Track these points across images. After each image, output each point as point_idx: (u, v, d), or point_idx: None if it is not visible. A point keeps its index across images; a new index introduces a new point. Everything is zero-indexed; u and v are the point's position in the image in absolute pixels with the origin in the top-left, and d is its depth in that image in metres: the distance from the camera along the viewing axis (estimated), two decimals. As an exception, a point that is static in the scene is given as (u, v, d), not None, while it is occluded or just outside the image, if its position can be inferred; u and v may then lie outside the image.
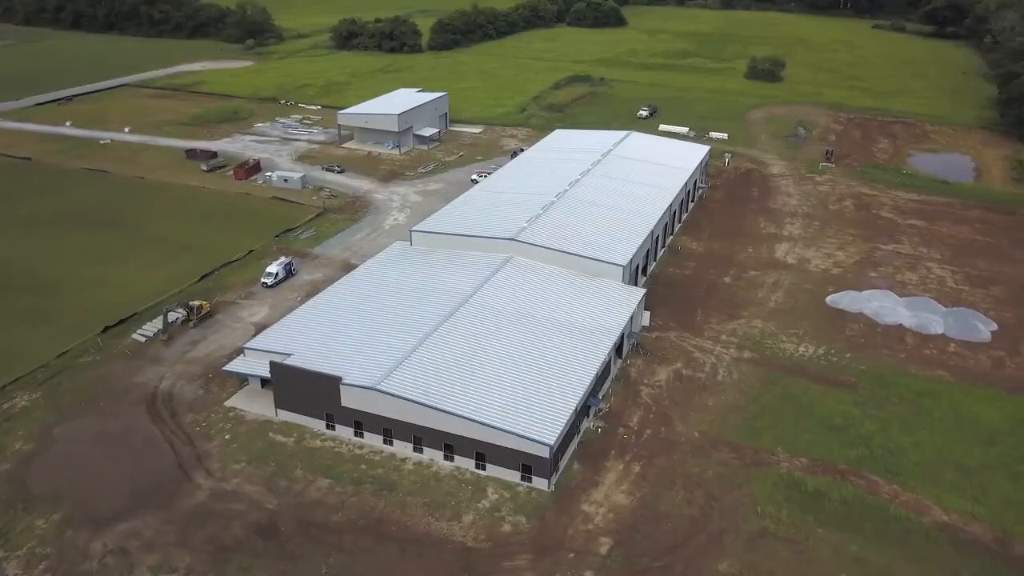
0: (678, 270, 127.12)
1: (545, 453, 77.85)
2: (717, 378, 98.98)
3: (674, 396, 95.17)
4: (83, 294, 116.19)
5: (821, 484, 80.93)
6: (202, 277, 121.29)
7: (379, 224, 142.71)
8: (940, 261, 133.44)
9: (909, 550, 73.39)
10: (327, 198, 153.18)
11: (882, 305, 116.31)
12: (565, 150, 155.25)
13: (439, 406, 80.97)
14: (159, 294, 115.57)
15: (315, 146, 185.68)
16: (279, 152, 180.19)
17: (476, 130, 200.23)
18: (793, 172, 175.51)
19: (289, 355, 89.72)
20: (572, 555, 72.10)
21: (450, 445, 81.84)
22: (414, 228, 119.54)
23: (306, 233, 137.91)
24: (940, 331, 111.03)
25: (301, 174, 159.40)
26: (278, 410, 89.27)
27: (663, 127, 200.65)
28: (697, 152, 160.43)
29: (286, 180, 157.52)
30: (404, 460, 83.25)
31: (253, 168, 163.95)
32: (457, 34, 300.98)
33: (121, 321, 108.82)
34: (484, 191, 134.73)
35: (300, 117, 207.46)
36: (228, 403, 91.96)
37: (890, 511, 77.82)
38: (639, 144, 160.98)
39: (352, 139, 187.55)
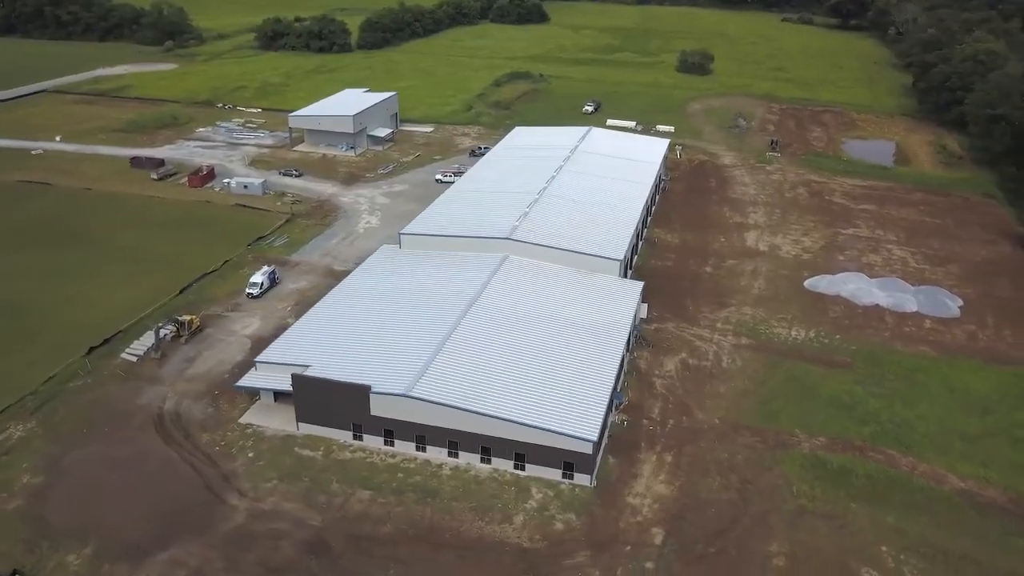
0: (660, 262, 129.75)
1: (588, 449, 78.62)
2: (722, 365, 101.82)
3: (686, 385, 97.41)
4: (55, 314, 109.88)
5: (844, 461, 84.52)
6: (181, 291, 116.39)
7: (352, 228, 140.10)
8: (897, 243, 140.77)
9: (936, 517, 77.60)
10: (292, 203, 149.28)
11: (858, 287, 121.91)
12: (531, 148, 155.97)
13: (477, 409, 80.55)
14: (139, 310, 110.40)
15: (265, 150, 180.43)
16: (229, 158, 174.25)
17: (427, 129, 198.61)
18: (743, 162, 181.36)
19: (307, 367, 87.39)
20: (628, 548, 73.14)
21: (487, 448, 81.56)
22: (403, 231, 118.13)
23: (279, 240, 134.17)
24: (914, 309, 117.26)
25: (261, 179, 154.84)
26: (300, 424, 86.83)
27: (611, 122, 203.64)
28: (659, 146, 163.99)
29: (246, 186, 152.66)
30: (440, 466, 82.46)
31: (208, 175, 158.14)
32: (387, 32, 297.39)
33: (106, 341, 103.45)
34: (461, 191, 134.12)
35: (243, 121, 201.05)
36: (243, 420, 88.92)
37: (913, 482, 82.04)
38: (601, 140, 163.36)
39: (303, 142, 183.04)
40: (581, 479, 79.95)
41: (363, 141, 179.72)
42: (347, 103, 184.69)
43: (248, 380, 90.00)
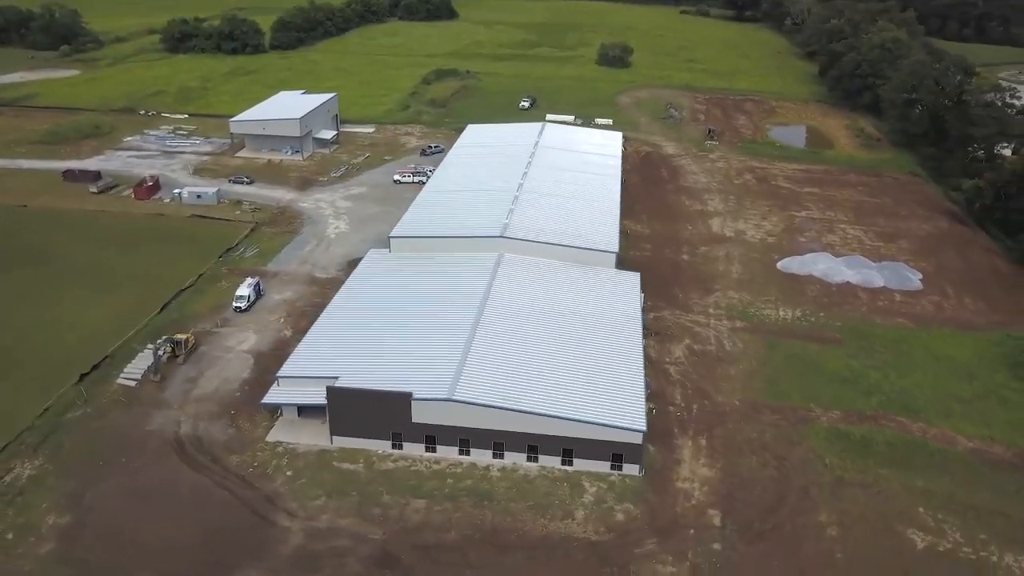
0: (638, 253, 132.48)
1: (638, 439, 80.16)
2: (726, 349, 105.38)
3: (698, 370, 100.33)
4: (30, 340, 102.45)
5: (863, 431, 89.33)
6: (162, 308, 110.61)
7: (322, 234, 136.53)
8: (848, 222, 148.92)
9: (956, 476, 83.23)
10: (252, 211, 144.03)
11: (827, 266, 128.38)
12: (492, 145, 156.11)
13: (524, 408, 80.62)
14: (121, 332, 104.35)
15: (206, 157, 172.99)
16: (169, 167, 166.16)
17: (369, 130, 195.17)
18: (686, 152, 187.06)
19: (336, 378, 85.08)
20: (692, 531, 75.10)
21: (534, 446, 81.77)
22: (392, 234, 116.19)
23: (250, 251, 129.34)
24: (881, 284, 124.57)
25: (215, 188, 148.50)
26: (333, 437, 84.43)
27: (550, 117, 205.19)
28: (613, 139, 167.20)
29: (199, 196, 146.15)
30: (487, 468, 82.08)
31: (154, 186, 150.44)
32: (300, 32, 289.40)
33: (95, 367, 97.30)
34: (437, 192, 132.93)
35: (171, 128, 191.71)
36: (270, 438, 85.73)
37: (928, 445, 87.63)
38: (558, 135, 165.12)
39: (244, 147, 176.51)
40: (630, 469, 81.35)
41: (309, 144, 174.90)
42: (288, 106, 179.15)
43: (274, 396, 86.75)
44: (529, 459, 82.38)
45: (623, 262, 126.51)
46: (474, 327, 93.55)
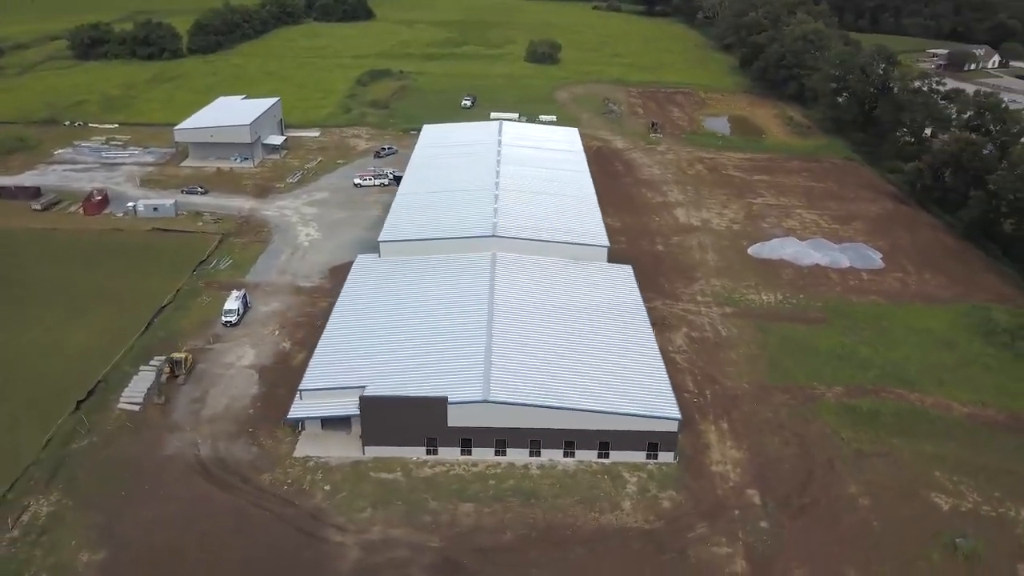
0: (615, 245, 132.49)
1: (674, 427, 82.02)
2: (722, 335, 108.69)
3: (702, 357, 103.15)
4: (11, 367, 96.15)
5: (869, 404, 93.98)
6: (147, 327, 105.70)
7: (295, 242, 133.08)
8: (803, 207, 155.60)
9: (960, 440, 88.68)
10: (215, 222, 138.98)
11: (795, 250, 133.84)
12: (456, 144, 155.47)
13: (560, 404, 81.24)
14: (106, 355, 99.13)
15: (150, 168, 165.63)
16: (112, 179, 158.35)
17: (314, 134, 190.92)
18: (635, 145, 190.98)
19: (362, 388, 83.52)
20: (737, 512, 77.46)
21: (571, 441, 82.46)
22: (381, 239, 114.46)
23: (223, 263, 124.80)
24: (848, 264, 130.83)
25: (172, 200, 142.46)
26: (366, 447, 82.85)
27: (494, 115, 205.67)
28: (571, 135, 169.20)
29: (155, 209, 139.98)
30: (526, 467, 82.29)
31: (103, 201, 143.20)
32: (218, 35, 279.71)
33: (90, 393, 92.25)
34: (414, 194, 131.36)
35: (104, 139, 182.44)
36: (298, 454, 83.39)
37: (928, 413, 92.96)
38: (517, 132, 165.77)
39: (188, 156, 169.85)
40: (665, 457, 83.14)
41: (259, 151, 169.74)
42: (234, 112, 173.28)
43: (299, 411, 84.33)
44: (566, 455, 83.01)
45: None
46: (488, 327, 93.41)
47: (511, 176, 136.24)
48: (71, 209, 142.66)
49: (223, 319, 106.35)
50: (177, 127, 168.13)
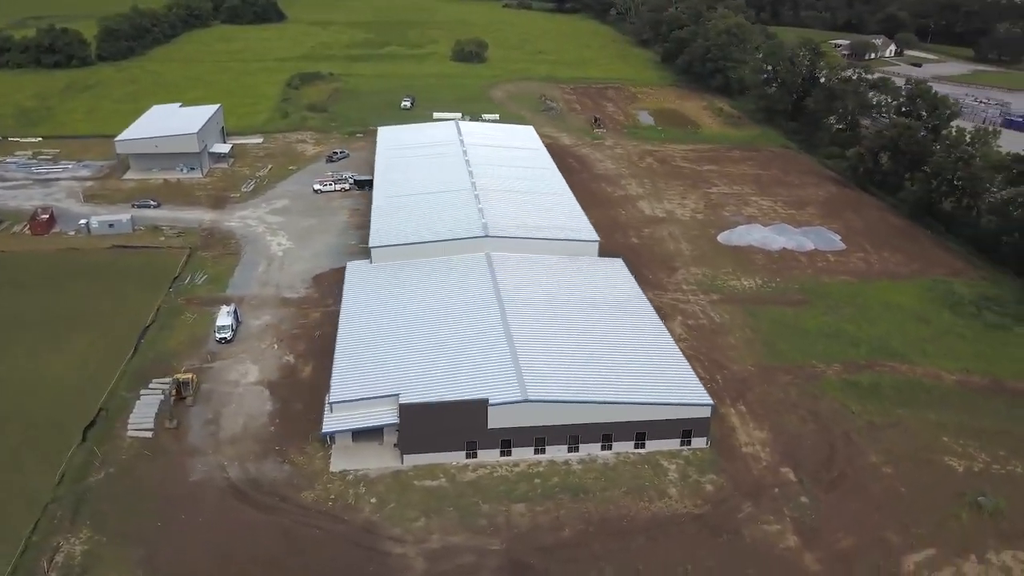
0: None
1: (707, 413, 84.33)
2: (716, 321, 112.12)
3: (703, 343, 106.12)
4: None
5: (867, 378, 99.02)
6: (135, 350, 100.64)
7: (268, 253, 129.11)
8: (756, 194, 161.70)
9: (956, 406, 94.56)
10: (176, 236, 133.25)
11: (762, 236, 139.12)
12: (419, 146, 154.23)
13: (598, 399, 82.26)
14: (98, 381, 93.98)
15: (89, 183, 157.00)
16: (52, 196, 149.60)
17: (257, 140, 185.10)
18: (581, 141, 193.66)
19: (394, 396, 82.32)
20: (777, 490, 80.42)
21: (608, 434, 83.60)
22: (373, 244, 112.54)
23: (199, 278, 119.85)
24: (812, 247, 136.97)
25: (127, 216, 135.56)
26: (404, 456, 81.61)
27: (437, 115, 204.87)
28: (529, 132, 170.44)
29: (111, 225, 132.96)
30: (566, 463, 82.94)
31: (51, 219, 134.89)
32: (129, 41, 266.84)
33: (92, 423, 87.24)
34: (390, 197, 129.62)
35: (31, 153, 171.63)
36: (334, 468, 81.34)
37: (923, 383, 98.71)
38: (477, 132, 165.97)
39: (129, 168, 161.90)
40: (698, 443, 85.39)
41: (206, 160, 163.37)
42: (177, 121, 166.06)
43: (333, 424, 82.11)
44: (603, 448, 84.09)
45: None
46: (505, 327, 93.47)
47: (486, 176, 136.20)
48: (15, 229, 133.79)
49: (217, 336, 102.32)
50: (118, 138, 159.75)
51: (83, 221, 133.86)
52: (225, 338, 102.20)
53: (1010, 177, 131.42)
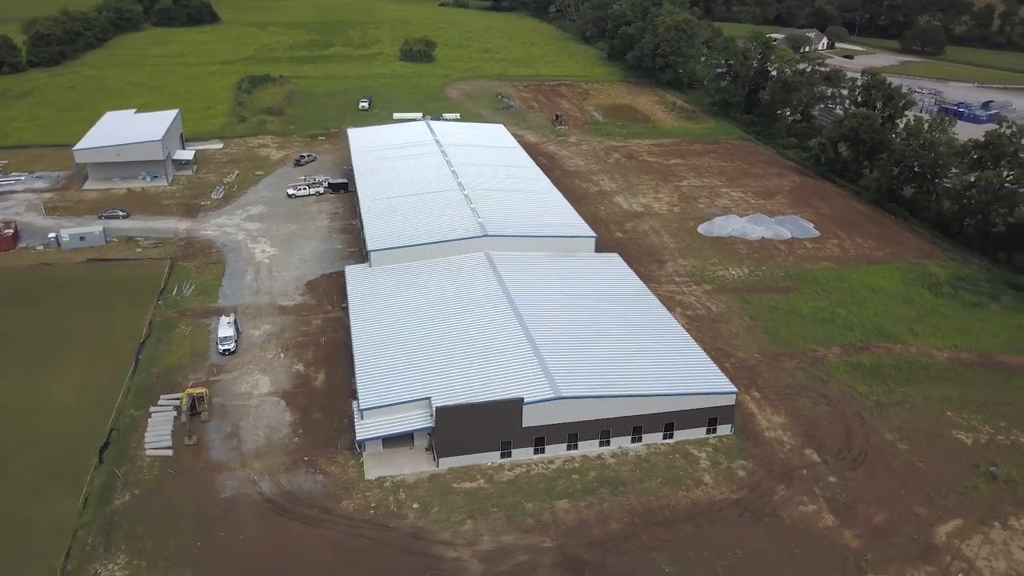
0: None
1: (732, 400, 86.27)
2: (713, 311, 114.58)
3: (706, 333, 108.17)
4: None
5: (867, 359, 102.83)
6: (135, 367, 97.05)
7: (253, 261, 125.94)
8: (725, 186, 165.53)
9: (953, 381, 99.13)
10: (153, 247, 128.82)
11: (741, 226, 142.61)
12: (394, 147, 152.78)
13: (629, 392, 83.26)
14: (101, 401, 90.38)
15: (48, 194, 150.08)
16: (9, 210, 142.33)
17: (217, 145, 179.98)
18: (546, 138, 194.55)
19: (426, 400, 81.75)
20: (805, 471, 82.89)
21: (638, 427, 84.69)
22: (371, 248, 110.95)
23: (187, 290, 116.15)
24: (789, 236, 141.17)
25: (99, 228, 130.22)
26: (439, 459, 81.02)
27: (397, 115, 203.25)
28: (501, 132, 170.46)
29: (82, 238, 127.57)
30: (599, 457, 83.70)
31: (15, 234, 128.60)
32: (61, 45, 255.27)
33: (105, 444, 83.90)
34: (377, 200, 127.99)
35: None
36: (369, 476, 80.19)
37: (919, 362, 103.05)
38: (450, 131, 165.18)
39: (88, 178, 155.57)
40: (723, 430, 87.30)
41: (170, 167, 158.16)
42: (137, 127, 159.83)
43: (366, 431, 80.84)
44: (633, 440, 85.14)
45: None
46: (521, 325, 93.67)
47: (470, 176, 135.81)
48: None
49: (220, 348, 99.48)
50: (76, 147, 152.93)
51: (52, 235, 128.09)
52: (228, 349, 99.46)
53: (971, 162, 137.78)
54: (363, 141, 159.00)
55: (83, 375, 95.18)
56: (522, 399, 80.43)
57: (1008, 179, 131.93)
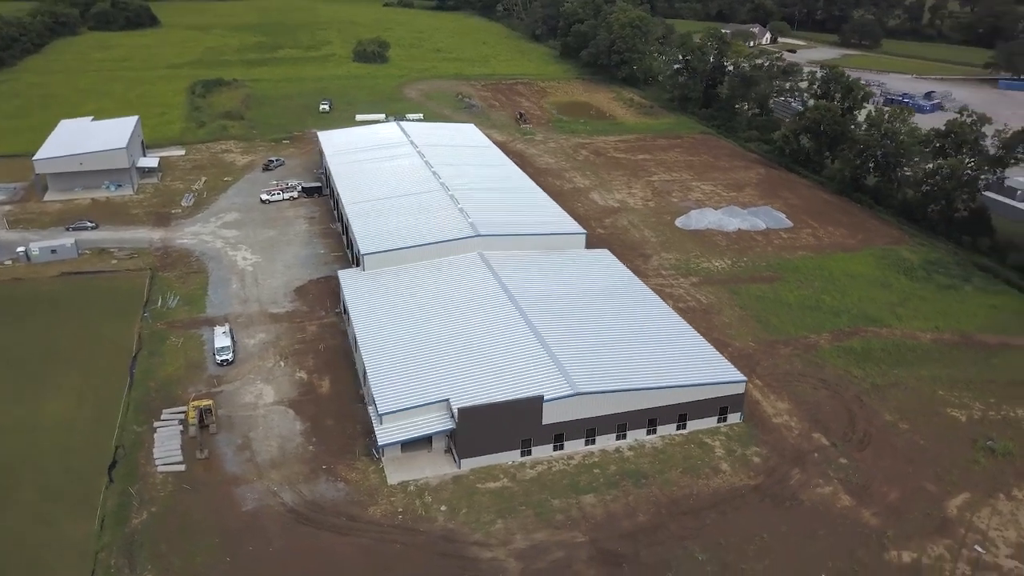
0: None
1: (742, 389, 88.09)
2: (704, 302, 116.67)
3: (700, 324, 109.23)
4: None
5: (858, 344, 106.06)
6: (131, 382, 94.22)
7: (236, 269, 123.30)
8: (695, 179, 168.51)
9: (939, 362, 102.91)
10: (129, 258, 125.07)
11: (717, 218, 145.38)
12: (369, 148, 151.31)
13: (644, 385, 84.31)
14: (100, 419, 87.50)
15: (7, 207, 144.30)
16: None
17: (179, 152, 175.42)
18: (513, 137, 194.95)
19: (441, 401, 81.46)
20: (816, 455, 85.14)
21: (653, 419, 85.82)
22: (365, 252, 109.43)
23: (172, 301, 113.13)
24: (764, 227, 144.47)
25: (71, 240, 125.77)
26: (461, 460, 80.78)
27: (360, 117, 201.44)
28: (473, 131, 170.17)
29: (54, 251, 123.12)
30: (617, 451, 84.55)
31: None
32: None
33: (113, 463, 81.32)
34: (360, 203, 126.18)
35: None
36: (392, 481, 79.44)
37: (905, 344, 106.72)
38: (423, 132, 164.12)
39: (47, 189, 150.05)
40: (733, 418, 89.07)
41: (135, 176, 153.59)
42: (99, 135, 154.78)
43: (388, 435, 79.82)
44: (648, 433, 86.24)
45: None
46: (528, 323, 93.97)
47: (451, 176, 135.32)
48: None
49: (218, 358, 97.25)
50: (36, 157, 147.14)
51: (21, 248, 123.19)
52: (227, 360, 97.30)
53: (934, 150, 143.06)
54: (335, 144, 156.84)
55: (77, 392, 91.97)
56: (542, 397, 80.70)
57: (970, 166, 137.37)
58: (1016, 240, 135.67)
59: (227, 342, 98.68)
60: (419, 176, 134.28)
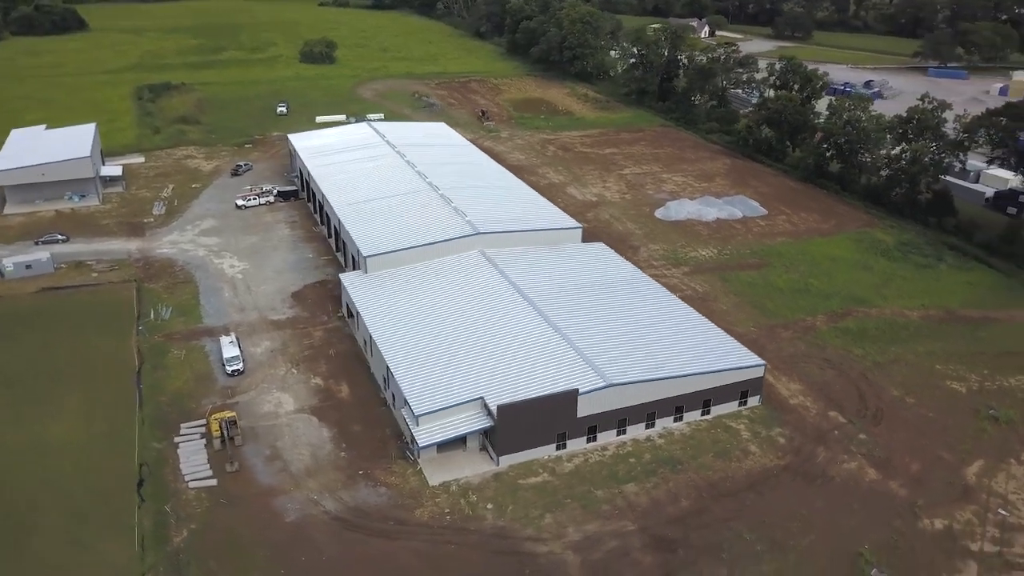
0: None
1: (761, 372, 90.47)
2: (699, 290, 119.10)
3: (700, 311, 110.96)
4: (8, 480, 78.10)
5: (852, 324, 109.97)
6: (141, 399, 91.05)
7: (225, 276, 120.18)
8: (664, 172, 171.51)
9: (931, 337, 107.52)
10: (111, 270, 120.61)
11: (696, 209, 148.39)
12: (345, 150, 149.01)
13: (673, 374, 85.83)
14: (114, 435, 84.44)
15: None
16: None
17: (139, 159, 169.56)
18: (478, 135, 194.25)
19: (476, 399, 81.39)
20: (836, 432, 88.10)
21: (680, 406, 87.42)
22: (367, 254, 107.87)
23: (165, 312, 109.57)
24: (741, 215, 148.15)
25: (47, 254, 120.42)
26: (500, 457, 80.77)
27: (320, 119, 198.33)
28: (445, 129, 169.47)
29: (29, 266, 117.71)
30: (648, 439, 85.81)
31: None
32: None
33: (140, 481, 78.61)
34: (349, 205, 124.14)
35: None
36: (433, 482, 78.91)
37: (896, 322, 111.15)
38: (397, 131, 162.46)
39: (5, 202, 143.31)
40: (752, 402, 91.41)
41: (99, 185, 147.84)
42: (59, 144, 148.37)
43: (427, 437, 79.01)
44: (675, 420, 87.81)
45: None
46: (544, 317, 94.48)
47: (436, 175, 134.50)
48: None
49: (229, 368, 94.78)
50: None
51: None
52: (238, 369, 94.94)
53: (896, 136, 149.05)
54: (309, 146, 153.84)
55: (84, 411, 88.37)
56: (577, 390, 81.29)
57: (932, 149, 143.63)
58: (977, 219, 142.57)
59: (236, 352, 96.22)
60: (404, 176, 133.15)
